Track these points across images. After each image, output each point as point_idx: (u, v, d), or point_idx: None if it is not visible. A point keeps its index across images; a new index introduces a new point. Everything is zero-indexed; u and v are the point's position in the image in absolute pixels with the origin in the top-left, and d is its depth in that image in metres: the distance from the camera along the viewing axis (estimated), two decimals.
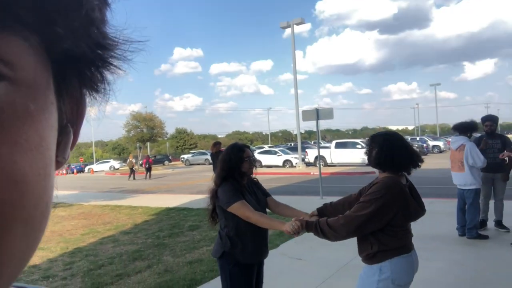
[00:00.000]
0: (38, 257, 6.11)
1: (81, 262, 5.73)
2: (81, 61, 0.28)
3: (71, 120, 0.31)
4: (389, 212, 2.09)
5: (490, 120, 6.05)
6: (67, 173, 40.58)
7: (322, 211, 2.56)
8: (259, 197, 2.79)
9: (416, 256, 2.28)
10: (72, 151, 0.33)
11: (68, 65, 0.28)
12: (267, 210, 2.82)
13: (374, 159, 2.28)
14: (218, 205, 2.66)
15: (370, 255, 2.19)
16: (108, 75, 0.31)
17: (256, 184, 2.86)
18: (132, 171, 24.08)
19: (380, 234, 2.16)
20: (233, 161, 2.64)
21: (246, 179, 2.73)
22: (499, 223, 5.99)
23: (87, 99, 0.32)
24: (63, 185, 22.67)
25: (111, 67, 0.31)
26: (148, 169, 24.05)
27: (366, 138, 2.74)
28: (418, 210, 2.20)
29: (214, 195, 2.66)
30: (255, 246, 2.66)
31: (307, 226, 2.24)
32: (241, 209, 2.51)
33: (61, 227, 8.69)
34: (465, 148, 5.59)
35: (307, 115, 10.62)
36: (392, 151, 2.22)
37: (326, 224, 2.15)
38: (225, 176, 2.64)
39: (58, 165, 0.30)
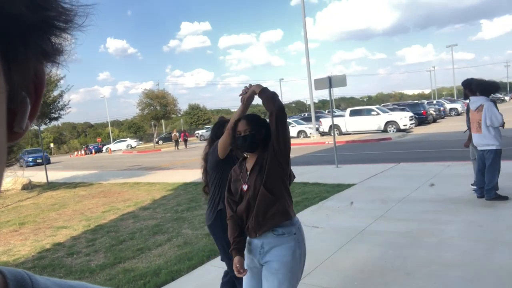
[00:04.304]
0: (62, 235, 6.31)
1: (103, 238, 5.90)
2: (22, 25, 0.27)
3: (26, 89, 0.30)
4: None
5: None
6: (85, 153, 41.39)
7: None
8: None
9: None
10: (32, 122, 0.32)
11: (8, 29, 0.27)
12: None
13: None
14: (209, 163, 2.88)
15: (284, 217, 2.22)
16: (59, 43, 0.31)
17: None
18: (176, 142, 30.05)
19: (287, 195, 2.29)
20: (218, 135, 2.89)
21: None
22: None
23: (45, 69, 0.32)
24: (83, 166, 23.16)
25: (59, 32, 0.30)
26: (185, 141, 31.13)
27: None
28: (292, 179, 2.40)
29: (205, 157, 2.99)
30: None
31: (257, 87, 2.34)
32: (224, 135, 2.67)
33: (82, 206, 8.93)
34: (483, 109, 5.45)
35: (319, 84, 10.44)
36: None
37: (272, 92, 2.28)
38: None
39: (16, 135, 0.30)
